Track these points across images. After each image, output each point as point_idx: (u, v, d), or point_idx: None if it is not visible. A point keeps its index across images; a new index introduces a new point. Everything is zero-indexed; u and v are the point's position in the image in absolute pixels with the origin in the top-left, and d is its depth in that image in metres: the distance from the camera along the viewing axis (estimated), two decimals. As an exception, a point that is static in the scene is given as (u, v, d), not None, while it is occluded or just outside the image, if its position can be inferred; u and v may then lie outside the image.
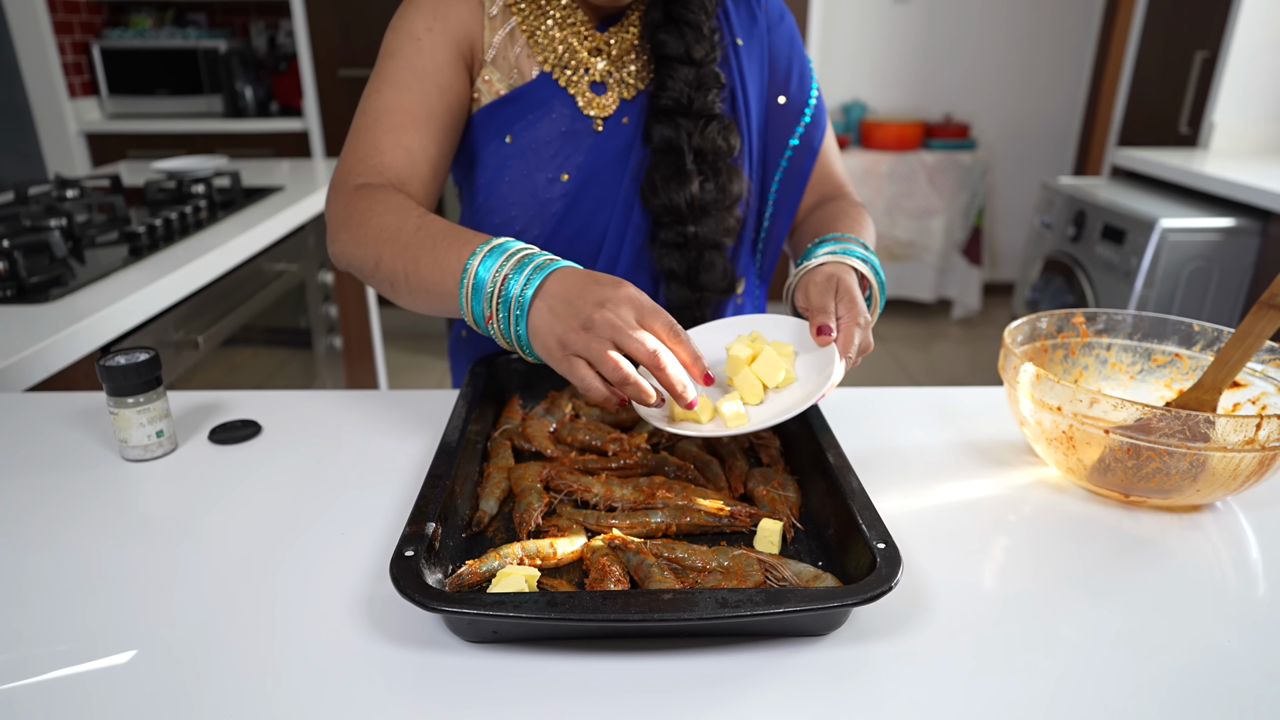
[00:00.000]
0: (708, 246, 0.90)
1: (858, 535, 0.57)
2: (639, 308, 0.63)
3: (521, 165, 0.88)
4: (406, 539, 0.55)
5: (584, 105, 0.88)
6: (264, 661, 0.51)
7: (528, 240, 0.90)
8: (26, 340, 1.02)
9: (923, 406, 0.90)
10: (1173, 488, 0.67)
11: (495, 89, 0.88)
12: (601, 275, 0.65)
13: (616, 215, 0.90)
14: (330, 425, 0.84)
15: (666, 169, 0.87)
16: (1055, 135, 4.01)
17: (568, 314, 0.62)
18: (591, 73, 0.88)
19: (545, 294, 0.64)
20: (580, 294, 0.63)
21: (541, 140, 0.88)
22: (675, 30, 0.86)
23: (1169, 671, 0.51)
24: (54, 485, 0.72)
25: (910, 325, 3.90)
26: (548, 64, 0.87)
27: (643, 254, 0.92)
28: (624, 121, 0.89)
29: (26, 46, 3.16)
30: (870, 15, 3.83)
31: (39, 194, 1.65)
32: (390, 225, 0.74)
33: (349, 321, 2.26)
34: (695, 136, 0.87)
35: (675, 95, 0.86)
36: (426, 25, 0.85)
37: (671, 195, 0.86)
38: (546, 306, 0.63)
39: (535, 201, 0.89)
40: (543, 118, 0.88)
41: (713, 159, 0.88)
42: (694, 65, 0.87)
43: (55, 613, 0.56)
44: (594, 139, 0.89)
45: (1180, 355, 0.81)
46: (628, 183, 0.90)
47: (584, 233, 0.91)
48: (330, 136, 3.44)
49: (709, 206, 0.88)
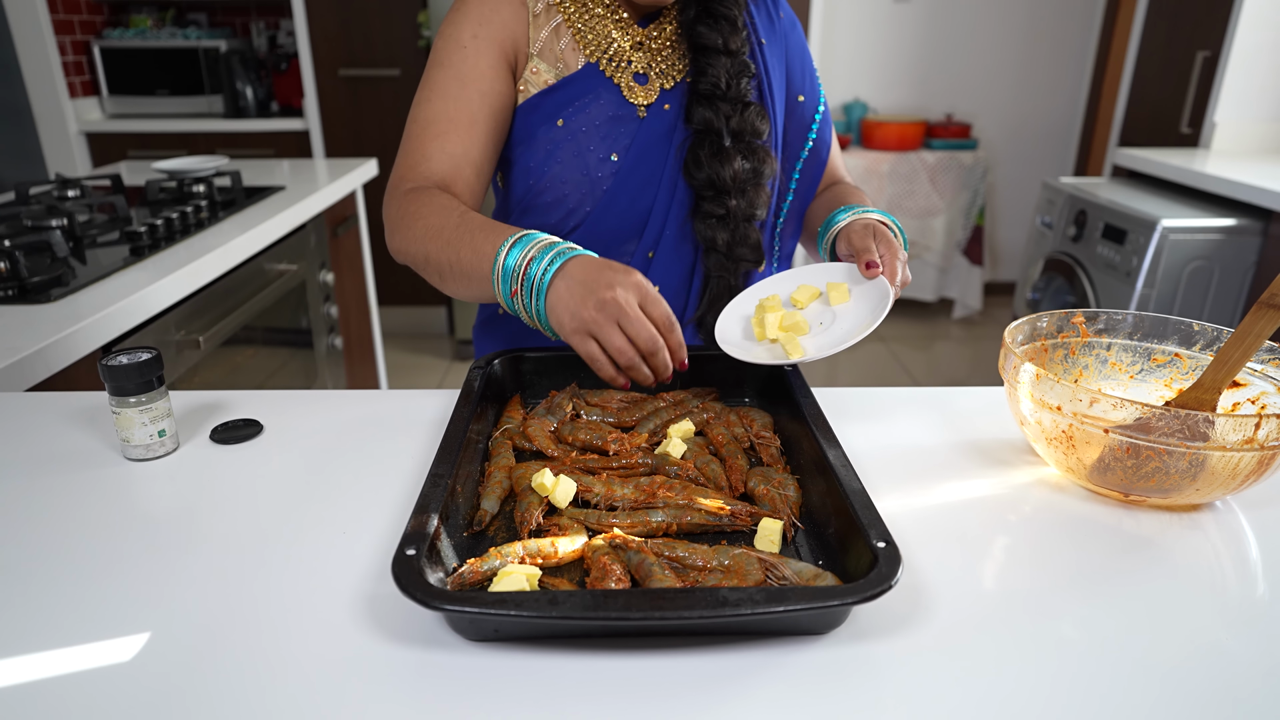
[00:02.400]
0: (744, 219, 0.97)
1: (858, 534, 0.57)
2: (643, 295, 0.72)
3: (573, 147, 0.94)
4: (408, 538, 0.55)
5: (628, 94, 0.95)
6: (266, 660, 0.52)
7: (580, 216, 0.97)
8: (28, 340, 1.02)
9: (923, 406, 0.90)
10: (1172, 487, 0.67)
11: (544, 79, 0.94)
12: (615, 263, 0.74)
13: (662, 191, 0.97)
14: (331, 424, 0.84)
15: (709, 148, 0.94)
16: (1056, 135, 4.01)
17: (582, 293, 0.71)
18: (634, 65, 0.95)
19: (564, 275, 0.73)
20: (595, 277, 0.72)
21: (592, 124, 0.94)
22: (712, 23, 0.94)
23: (1168, 670, 0.51)
24: (56, 485, 0.72)
25: (911, 325, 3.90)
26: (593, 56, 0.94)
27: (685, 226, 0.99)
28: (665, 108, 0.96)
29: (27, 46, 3.16)
30: (871, 14, 3.83)
31: (40, 194, 1.66)
32: (435, 224, 0.83)
33: (349, 321, 2.27)
34: (734, 119, 0.94)
35: (714, 81, 0.94)
36: (472, 32, 0.92)
37: (715, 170, 0.94)
38: (564, 286, 0.73)
39: (587, 180, 0.95)
40: (591, 103, 0.94)
41: (749, 140, 0.96)
42: (730, 55, 0.94)
43: (57, 612, 0.56)
44: (639, 124, 0.95)
45: (1180, 355, 0.82)
46: (672, 161, 0.97)
47: (631, 208, 0.97)
48: (330, 136, 3.44)
49: (746, 183, 0.96)
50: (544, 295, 0.73)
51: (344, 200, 2.21)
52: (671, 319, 0.73)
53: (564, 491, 0.68)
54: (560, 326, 0.73)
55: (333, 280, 2.08)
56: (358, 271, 2.36)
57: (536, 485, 0.67)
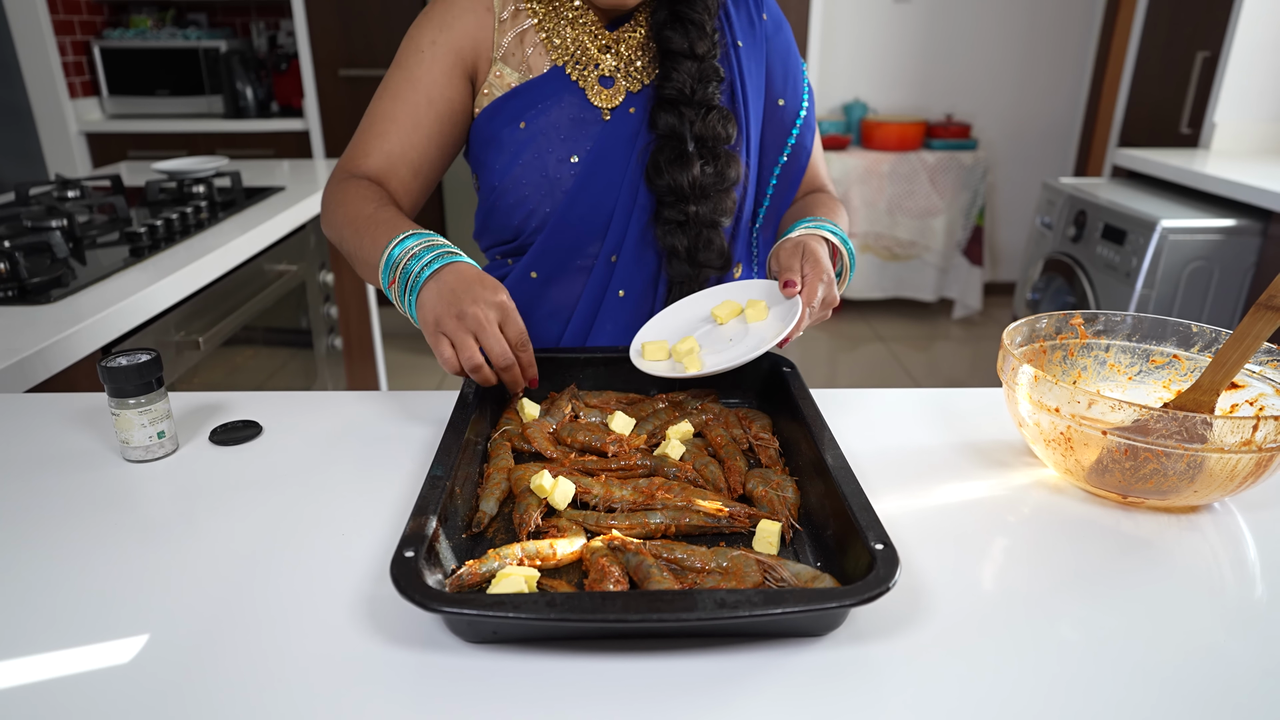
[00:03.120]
0: (706, 225, 0.97)
1: (856, 536, 0.57)
2: (503, 314, 0.77)
3: (534, 148, 0.95)
4: (406, 539, 0.55)
5: (592, 97, 0.95)
6: (265, 661, 0.52)
7: (540, 218, 0.98)
8: (28, 341, 1.03)
9: (922, 407, 0.90)
10: (1170, 489, 0.67)
11: (507, 82, 0.95)
12: (487, 279, 0.78)
13: (623, 196, 0.97)
14: (331, 425, 0.84)
15: (670, 153, 0.94)
16: (1056, 135, 4.01)
17: (450, 300, 0.76)
18: (601, 68, 0.95)
19: (437, 279, 0.78)
20: (465, 289, 0.77)
21: (552, 126, 0.94)
22: (680, 28, 0.93)
23: (1166, 671, 0.52)
24: (55, 486, 0.72)
25: (911, 325, 3.90)
26: (560, 59, 0.94)
27: (647, 232, 0.98)
28: (630, 111, 0.96)
29: (27, 46, 3.16)
30: (871, 15, 3.83)
31: (40, 194, 1.66)
32: (352, 213, 0.89)
33: (349, 322, 2.27)
34: (697, 124, 0.94)
35: (679, 86, 0.93)
36: (431, 38, 0.94)
37: (675, 176, 0.93)
38: (435, 290, 0.78)
39: (547, 181, 0.96)
40: (553, 106, 0.94)
41: (712, 145, 0.95)
42: (696, 60, 0.94)
43: (57, 613, 0.56)
44: (602, 126, 0.96)
45: (1179, 356, 0.82)
46: (634, 166, 0.96)
47: (593, 212, 0.97)
48: (330, 136, 3.44)
49: (708, 188, 0.95)
50: (416, 292, 0.79)
51: (344, 201, 2.21)
52: (525, 338, 0.79)
53: (563, 493, 0.68)
54: (424, 324, 0.78)
55: (333, 281, 2.08)
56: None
57: (535, 487, 0.67)
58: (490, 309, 0.76)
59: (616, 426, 0.79)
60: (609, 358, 0.89)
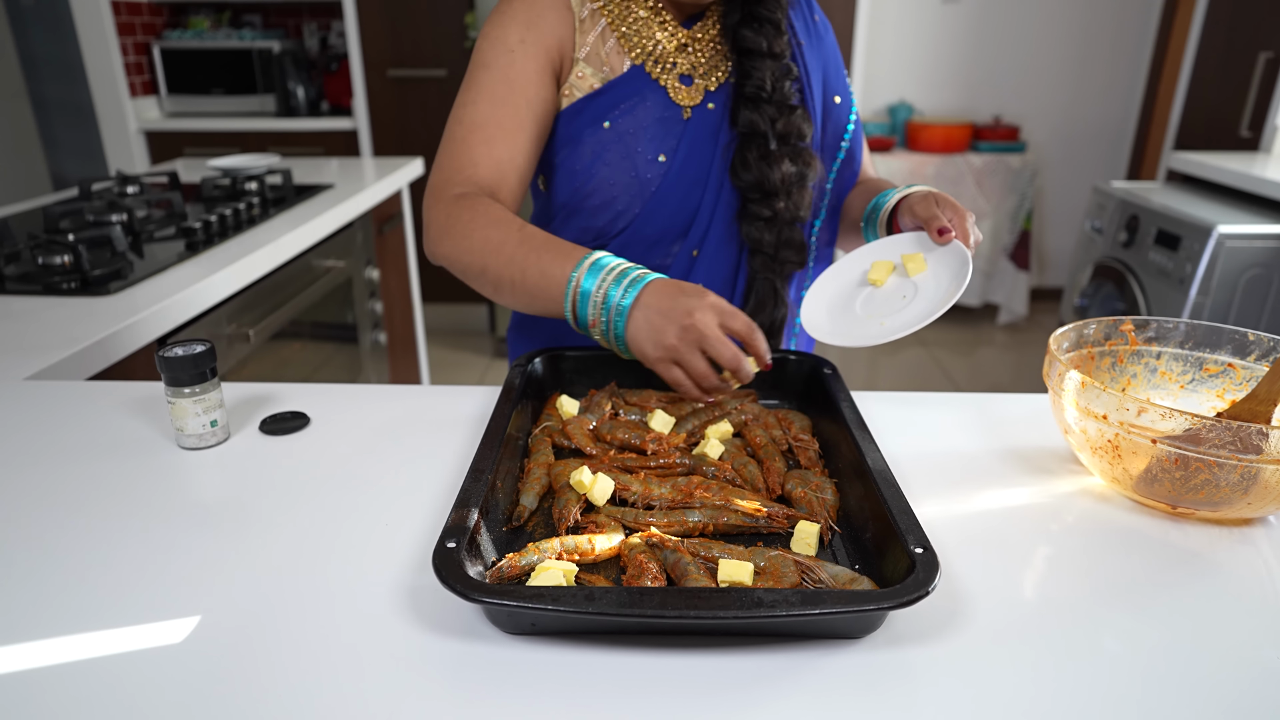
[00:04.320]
0: (790, 221, 0.98)
1: (895, 539, 0.57)
2: (721, 312, 0.75)
3: (621, 148, 0.94)
4: (448, 531, 0.56)
5: (674, 95, 0.95)
6: (309, 645, 0.53)
7: (629, 218, 0.97)
8: (89, 331, 1.06)
9: (965, 412, 0.89)
10: (1222, 500, 0.65)
11: (589, 83, 0.94)
12: (687, 285, 0.76)
13: (709, 192, 0.97)
14: (375, 418, 0.86)
15: (757, 150, 0.95)
16: (1108, 138, 3.92)
17: (662, 323, 0.74)
18: (679, 66, 0.95)
19: (641, 305, 0.75)
20: (672, 305, 0.74)
21: (639, 125, 0.94)
22: (756, 26, 0.94)
23: (1213, 687, 0.50)
24: (113, 471, 0.75)
25: (955, 330, 3.84)
26: (638, 58, 0.94)
27: (731, 226, 0.99)
28: (710, 108, 0.96)
29: (91, 48, 3.27)
30: (918, 14, 3.78)
31: (101, 190, 1.72)
32: (495, 238, 0.84)
33: (393, 318, 2.30)
34: (780, 122, 0.95)
35: (759, 85, 0.94)
36: (520, 36, 0.91)
37: (764, 173, 0.94)
38: (643, 317, 0.75)
39: (637, 181, 0.95)
40: (638, 105, 0.94)
41: (794, 143, 0.96)
42: (774, 58, 0.95)
43: (113, 592, 0.58)
44: (685, 124, 0.96)
45: (1234, 365, 0.79)
46: (719, 163, 0.97)
47: (680, 209, 0.97)
48: (379, 136, 3.51)
49: (792, 185, 0.96)
50: (623, 323, 0.76)
51: (390, 199, 2.25)
52: (752, 327, 0.76)
53: (602, 489, 0.68)
54: (644, 356, 0.76)
55: (378, 277, 2.12)
56: (402, 269, 2.40)
57: (575, 483, 0.68)
58: (706, 313, 0.74)
59: (656, 425, 0.79)
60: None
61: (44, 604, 0.57)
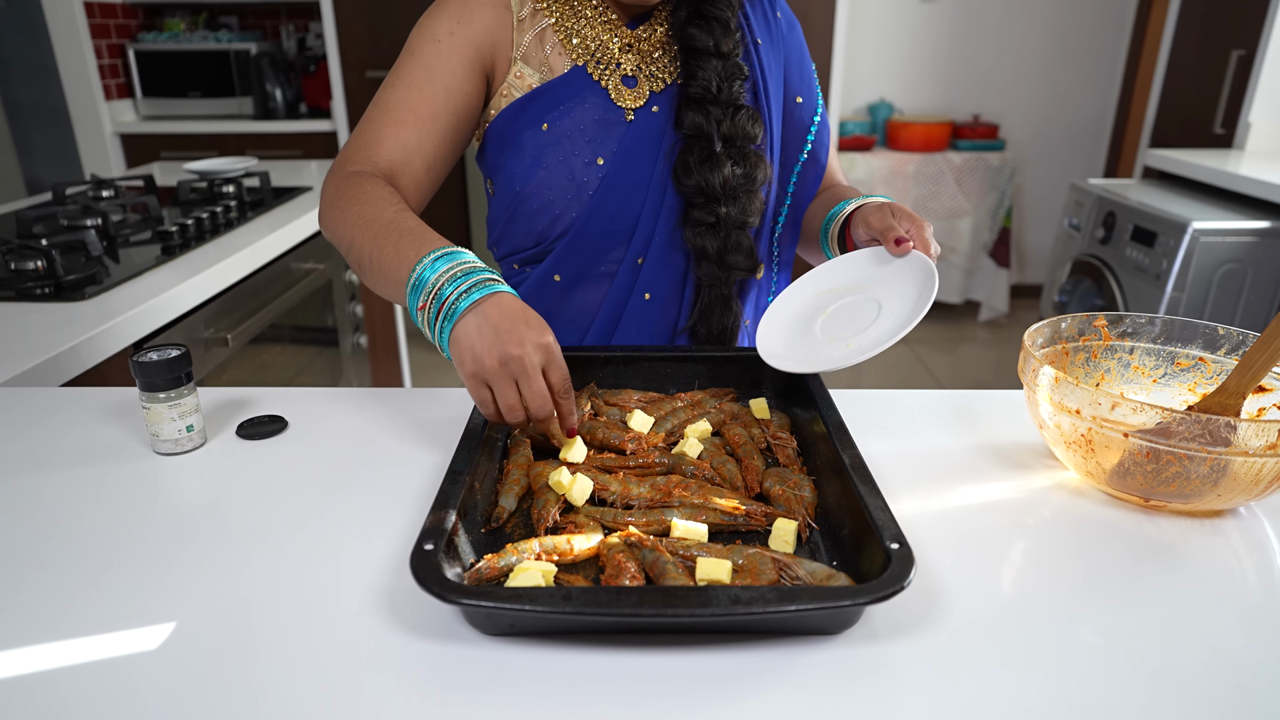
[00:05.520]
0: (736, 227, 0.96)
1: (872, 535, 0.57)
2: (547, 358, 0.69)
3: (559, 151, 0.92)
4: (426, 533, 0.56)
5: (615, 97, 0.93)
6: (287, 650, 0.53)
7: (566, 222, 0.95)
8: (63, 337, 1.05)
9: (943, 408, 0.89)
10: (1193, 492, 0.66)
11: (528, 82, 0.93)
12: (531, 315, 0.70)
13: (650, 197, 0.95)
14: (355, 422, 0.85)
15: (699, 153, 0.93)
16: (1086, 136, 3.96)
17: (491, 339, 0.68)
18: (623, 67, 0.94)
19: (478, 312, 0.69)
20: (508, 327, 0.68)
21: (577, 128, 0.92)
22: (704, 25, 0.92)
23: (1187, 676, 0.51)
24: (88, 477, 0.74)
25: (936, 327, 3.87)
26: (580, 59, 0.92)
27: (675, 233, 0.97)
28: (654, 110, 0.95)
29: (65, 50, 3.24)
30: (897, 14, 3.81)
31: (75, 194, 1.70)
32: (367, 214, 0.80)
33: (374, 320, 2.29)
34: (725, 124, 0.93)
35: (705, 85, 0.92)
36: (449, 29, 0.90)
37: (705, 177, 0.92)
38: (474, 325, 0.68)
39: (573, 185, 0.93)
40: (576, 107, 0.92)
41: (740, 145, 0.94)
42: (721, 58, 0.92)
43: (87, 600, 0.58)
44: (626, 127, 0.94)
45: (1205, 359, 0.81)
46: (660, 167, 0.95)
47: (619, 214, 0.95)
48: (358, 137, 3.48)
49: (738, 189, 0.94)
50: (452, 322, 0.69)
51: (370, 201, 2.23)
52: (568, 384, 0.71)
53: (580, 490, 0.68)
54: (460, 363, 0.70)
55: (358, 280, 2.11)
56: (383, 271, 2.39)
57: (554, 483, 0.68)
58: (535, 352, 0.68)
59: (635, 425, 0.79)
60: (628, 356, 0.90)
61: (18, 611, 0.56)
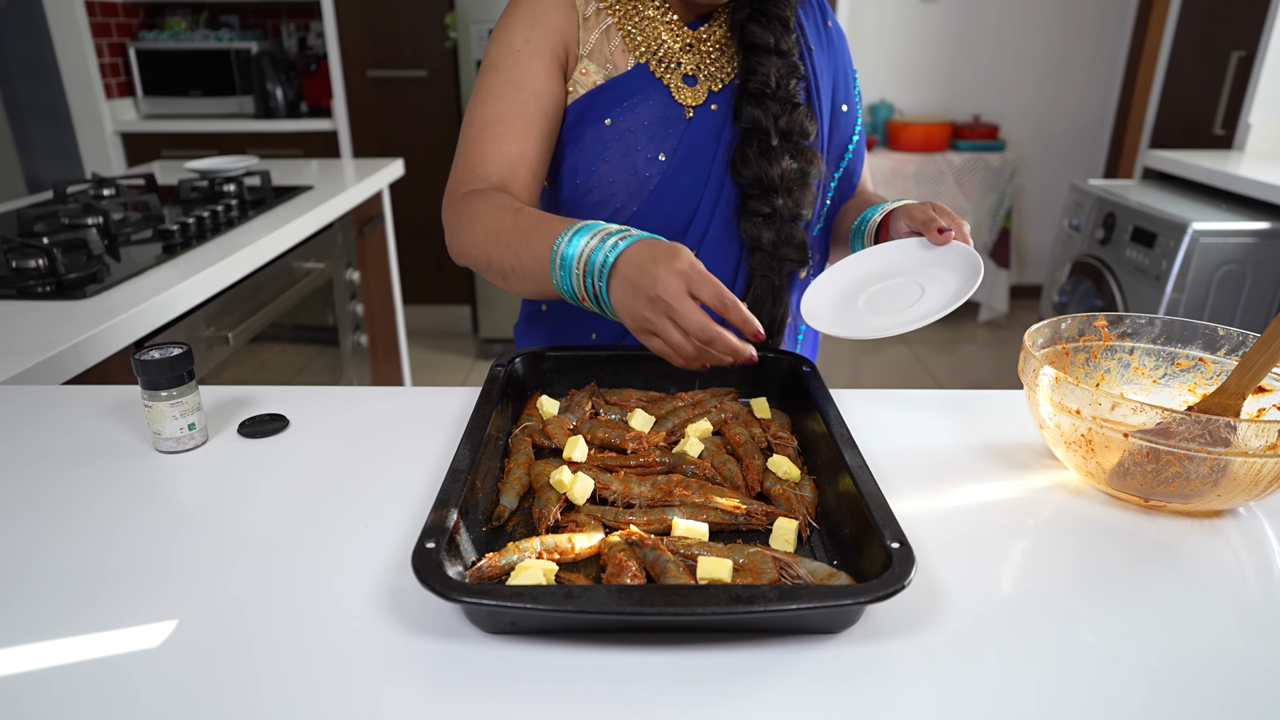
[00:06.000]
0: (790, 219, 0.98)
1: (872, 535, 0.57)
2: (687, 279, 0.69)
3: (621, 146, 0.95)
4: (428, 531, 0.56)
5: (676, 94, 0.95)
6: (288, 648, 0.53)
7: (626, 215, 0.98)
8: (64, 335, 1.05)
9: (942, 408, 0.90)
10: (1193, 492, 0.66)
11: (592, 79, 0.95)
12: (659, 250, 0.71)
13: (708, 191, 0.98)
14: (356, 420, 0.85)
15: (757, 146, 0.95)
16: (1086, 136, 3.96)
17: (633, 295, 0.71)
18: (683, 66, 0.96)
19: (617, 275, 0.73)
20: (638, 276, 0.71)
21: (640, 124, 0.95)
22: (764, 23, 0.94)
23: (1186, 676, 0.51)
24: (89, 476, 0.74)
25: (936, 328, 3.87)
26: (642, 57, 0.95)
27: (730, 225, 0.99)
28: (713, 109, 0.97)
29: (65, 49, 3.23)
30: (898, 14, 3.81)
31: (77, 193, 1.70)
32: (493, 227, 0.84)
33: (375, 319, 2.29)
34: (782, 119, 0.95)
35: (763, 80, 0.94)
36: (525, 37, 0.93)
37: (764, 169, 0.94)
38: (619, 288, 0.72)
39: (635, 180, 0.96)
40: (640, 103, 0.95)
41: (795, 140, 0.96)
42: (780, 55, 0.95)
43: (90, 598, 0.58)
44: (686, 124, 0.96)
45: (1204, 360, 0.81)
46: (719, 161, 0.97)
47: (678, 208, 0.98)
48: (358, 137, 3.49)
49: (793, 182, 0.96)
50: (606, 298, 0.74)
51: (370, 200, 2.24)
52: (724, 297, 0.70)
53: (582, 489, 0.68)
54: (630, 328, 0.74)
55: (359, 279, 2.11)
56: (383, 270, 2.39)
57: (555, 482, 0.68)
58: (673, 280, 0.69)
59: (636, 424, 0.79)
60: (630, 355, 0.90)
61: (20, 609, 0.57)
